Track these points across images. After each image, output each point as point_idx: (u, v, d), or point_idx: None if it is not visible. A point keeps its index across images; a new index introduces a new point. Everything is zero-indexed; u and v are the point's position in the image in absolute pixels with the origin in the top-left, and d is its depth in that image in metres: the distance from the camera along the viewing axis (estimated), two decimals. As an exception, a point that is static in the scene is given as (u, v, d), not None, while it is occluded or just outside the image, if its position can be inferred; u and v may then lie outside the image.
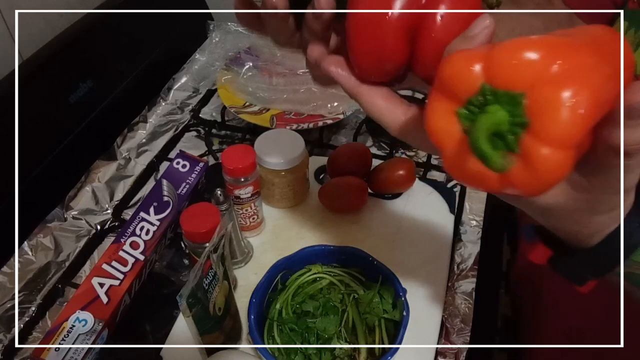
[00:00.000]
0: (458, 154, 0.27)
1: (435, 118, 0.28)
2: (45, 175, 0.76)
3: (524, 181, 0.25)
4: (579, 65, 0.24)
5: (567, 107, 0.23)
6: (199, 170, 0.72)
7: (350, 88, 0.35)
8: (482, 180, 0.26)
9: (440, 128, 0.27)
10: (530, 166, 0.24)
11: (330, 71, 0.35)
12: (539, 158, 0.24)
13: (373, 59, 0.33)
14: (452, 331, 0.60)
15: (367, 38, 0.32)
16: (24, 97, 0.72)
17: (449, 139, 0.27)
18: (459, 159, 0.27)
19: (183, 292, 0.47)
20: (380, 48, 0.32)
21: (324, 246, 0.63)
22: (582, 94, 0.23)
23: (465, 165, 0.27)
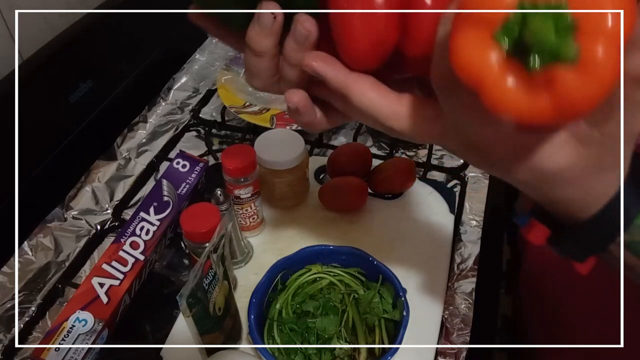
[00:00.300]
0: (503, 82, 0.24)
1: (466, 52, 0.25)
2: (45, 175, 0.76)
3: (583, 89, 0.23)
4: None
5: (613, 3, 0.23)
6: (199, 170, 0.72)
7: (339, 81, 0.33)
8: (537, 108, 0.24)
9: (475, 59, 0.25)
10: (587, 69, 0.23)
11: (314, 67, 0.33)
12: (596, 56, 0.23)
13: (366, 43, 0.31)
14: (452, 331, 0.60)
15: (357, 21, 0.31)
16: (24, 97, 0.72)
17: (487, 68, 0.25)
18: (505, 89, 0.24)
19: (183, 292, 0.47)
20: (372, 29, 0.31)
21: (324, 246, 0.63)
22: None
23: (515, 93, 0.24)
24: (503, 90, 0.24)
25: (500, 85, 0.24)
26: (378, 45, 0.32)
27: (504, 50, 0.24)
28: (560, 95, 0.24)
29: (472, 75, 0.25)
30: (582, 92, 0.23)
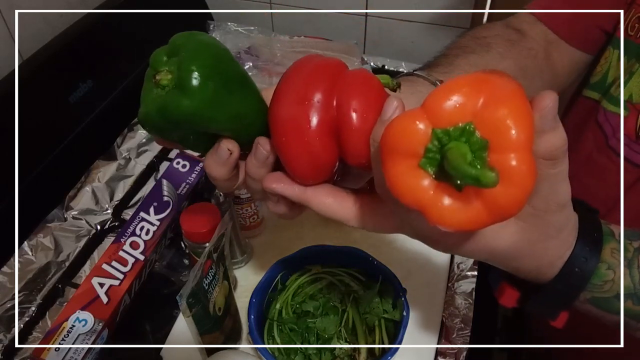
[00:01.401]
0: (439, 202, 0.28)
1: (401, 181, 0.28)
2: (45, 175, 0.76)
3: (508, 197, 0.26)
4: (502, 88, 0.27)
5: (512, 118, 0.26)
6: (199, 170, 0.72)
7: (297, 197, 0.37)
8: (473, 217, 0.27)
9: (411, 187, 0.28)
10: (507, 180, 0.26)
11: (273, 189, 0.37)
12: (511, 168, 0.26)
13: (308, 166, 0.35)
14: (452, 331, 0.60)
15: (297, 150, 0.35)
16: (24, 97, 0.72)
17: (424, 194, 0.28)
18: (443, 208, 0.28)
19: (183, 292, 0.47)
20: (310, 154, 0.35)
21: (324, 246, 0.63)
22: (517, 106, 0.26)
23: (452, 210, 0.28)
24: (440, 209, 0.28)
25: (437, 206, 0.27)
26: (316, 167, 0.35)
27: (432, 176, 0.28)
28: (491, 203, 0.27)
29: (410, 200, 0.28)
30: (509, 198, 0.26)
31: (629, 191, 0.56)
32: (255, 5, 1.12)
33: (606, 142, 0.58)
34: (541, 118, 0.28)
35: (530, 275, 0.38)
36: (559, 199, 0.33)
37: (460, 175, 0.26)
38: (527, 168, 0.26)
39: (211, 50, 0.36)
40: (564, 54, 0.63)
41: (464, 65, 0.55)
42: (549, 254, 0.36)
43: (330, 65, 0.36)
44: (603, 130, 0.59)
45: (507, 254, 0.35)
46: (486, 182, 0.25)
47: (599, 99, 0.60)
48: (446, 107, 0.27)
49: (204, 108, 0.34)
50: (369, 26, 1.07)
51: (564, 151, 0.30)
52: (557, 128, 0.29)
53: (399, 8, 1.02)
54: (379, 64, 1.00)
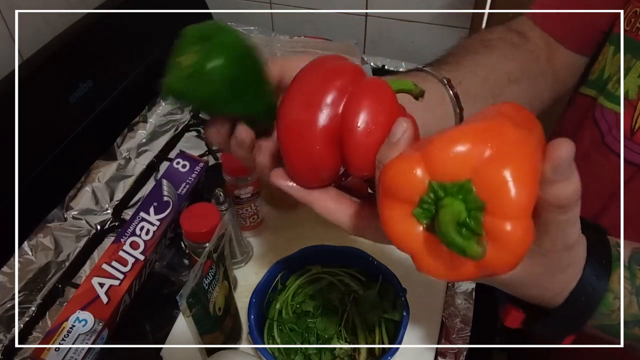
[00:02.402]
0: (429, 252, 0.28)
1: (394, 225, 0.28)
2: (45, 175, 0.76)
3: (498, 260, 0.26)
4: (509, 141, 0.26)
5: (513, 181, 0.25)
6: (199, 170, 0.72)
7: (301, 197, 0.37)
8: (461, 271, 0.27)
9: (403, 233, 0.28)
10: (499, 244, 0.26)
11: (280, 184, 0.37)
12: (505, 233, 0.25)
13: (308, 172, 0.36)
14: (452, 331, 0.60)
15: (297, 152, 0.35)
16: (24, 97, 0.72)
17: (415, 241, 0.28)
18: (432, 258, 0.28)
19: (183, 292, 0.47)
20: (310, 161, 0.35)
21: (324, 246, 0.63)
22: (521, 165, 0.25)
23: (441, 261, 0.27)
24: (428, 260, 0.28)
25: (425, 256, 0.28)
26: (315, 173, 0.36)
27: (424, 226, 0.28)
28: (482, 262, 0.26)
29: (401, 244, 0.28)
30: (499, 261, 0.26)
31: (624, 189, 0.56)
32: (255, 5, 1.12)
33: (602, 139, 0.58)
34: (554, 169, 0.27)
35: (535, 301, 0.37)
36: (567, 241, 0.32)
37: (446, 241, 0.26)
38: (523, 234, 0.26)
39: (237, 46, 0.37)
40: (563, 57, 0.63)
41: (471, 65, 0.55)
42: (555, 286, 0.35)
43: (345, 70, 0.35)
44: (599, 128, 0.59)
45: (510, 283, 0.35)
46: (471, 255, 0.25)
47: (596, 96, 0.60)
48: (447, 159, 0.26)
49: (217, 98, 0.37)
50: (369, 26, 1.07)
51: (575, 200, 0.29)
52: (571, 177, 0.28)
53: (399, 8, 1.02)
54: (379, 64, 1.00)
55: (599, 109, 0.58)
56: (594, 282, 0.35)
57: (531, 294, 0.36)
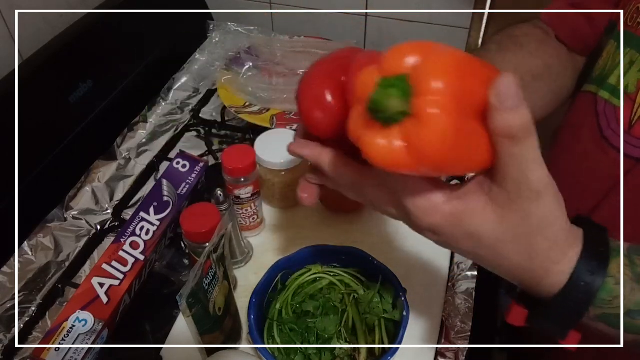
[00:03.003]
0: (369, 137, 0.32)
1: (350, 121, 0.34)
2: (45, 175, 0.76)
3: (423, 135, 0.30)
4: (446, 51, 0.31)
5: (435, 67, 0.30)
6: (199, 170, 0.72)
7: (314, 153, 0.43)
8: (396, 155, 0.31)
9: (355, 127, 0.33)
10: (421, 120, 0.30)
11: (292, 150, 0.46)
12: (426, 109, 0.30)
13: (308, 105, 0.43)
14: (452, 331, 0.60)
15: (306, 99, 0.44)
16: (24, 97, 0.72)
17: (359, 130, 0.33)
18: (371, 142, 0.32)
19: (183, 292, 0.47)
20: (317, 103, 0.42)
21: (324, 246, 0.63)
22: (447, 61, 0.30)
23: (380, 145, 0.31)
24: (371, 144, 0.32)
25: (370, 142, 0.32)
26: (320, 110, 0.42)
27: (370, 117, 0.32)
28: (409, 143, 0.31)
29: (354, 137, 0.33)
30: (423, 138, 0.30)
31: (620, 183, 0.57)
32: (255, 5, 1.12)
33: (601, 133, 0.59)
34: (496, 95, 0.30)
35: (526, 282, 0.37)
36: (531, 185, 0.32)
37: (369, 102, 0.31)
38: (440, 111, 0.29)
39: None
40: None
41: (499, 62, 0.59)
42: (538, 253, 0.35)
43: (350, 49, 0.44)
44: (599, 122, 0.59)
45: (491, 243, 0.35)
46: (388, 106, 0.30)
47: (596, 91, 0.60)
48: (392, 60, 0.31)
49: None
50: (369, 26, 1.07)
51: (525, 131, 0.31)
52: (518, 107, 0.30)
53: (399, 8, 1.02)
54: (379, 64, 1.00)
55: (601, 103, 0.59)
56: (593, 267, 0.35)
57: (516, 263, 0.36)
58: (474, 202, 0.35)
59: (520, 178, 0.32)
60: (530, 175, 0.32)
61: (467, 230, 0.35)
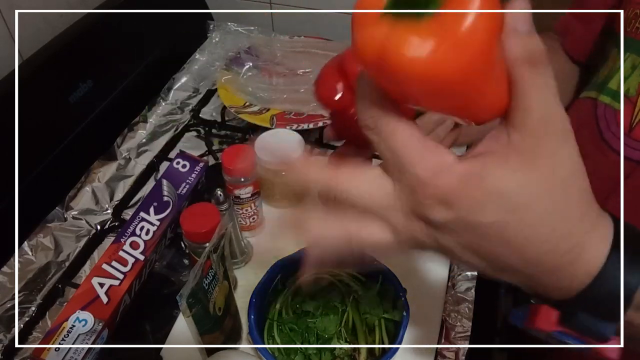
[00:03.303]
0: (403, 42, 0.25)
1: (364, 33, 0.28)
2: (45, 175, 0.76)
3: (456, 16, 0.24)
4: None
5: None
6: (199, 170, 0.72)
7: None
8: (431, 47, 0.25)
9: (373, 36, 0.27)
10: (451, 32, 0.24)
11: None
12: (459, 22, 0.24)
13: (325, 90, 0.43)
14: (452, 331, 0.60)
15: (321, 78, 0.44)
16: (24, 97, 0.72)
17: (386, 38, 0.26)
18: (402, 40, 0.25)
19: (183, 292, 0.47)
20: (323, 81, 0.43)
21: (324, 246, 0.63)
22: None
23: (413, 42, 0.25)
24: (398, 44, 0.25)
25: (398, 44, 0.25)
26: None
27: (392, 17, 0.26)
28: (443, 28, 0.25)
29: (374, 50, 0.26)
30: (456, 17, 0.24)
31: (620, 185, 0.57)
32: (255, 5, 1.12)
33: (601, 136, 0.59)
34: (512, 15, 0.26)
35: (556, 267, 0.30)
36: (558, 122, 0.28)
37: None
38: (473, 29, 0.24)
39: None
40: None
41: None
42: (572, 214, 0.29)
43: None
44: (599, 125, 0.59)
45: (523, 202, 0.28)
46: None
47: (596, 96, 0.61)
48: None
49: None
50: (369, 26, 1.07)
51: (545, 58, 0.27)
52: (533, 35, 0.27)
53: (399, 8, 1.02)
54: (379, 64, 1.00)
55: (601, 107, 0.59)
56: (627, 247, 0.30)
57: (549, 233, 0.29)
58: (493, 157, 0.28)
59: (546, 113, 0.27)
60: (556, 109, 0.28)
61: (490, 190, 0.28)
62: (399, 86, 0.27)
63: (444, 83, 0.26)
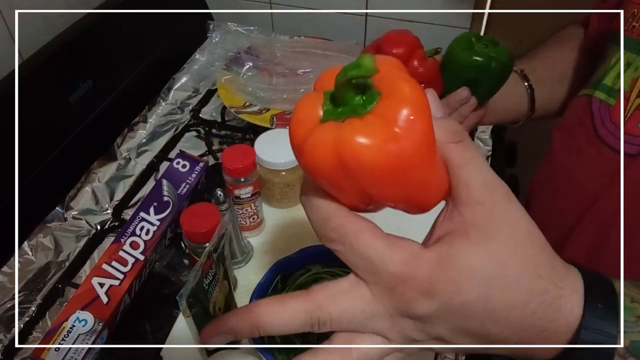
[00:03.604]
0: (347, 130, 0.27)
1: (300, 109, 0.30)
2: (45, 175, 0.76)
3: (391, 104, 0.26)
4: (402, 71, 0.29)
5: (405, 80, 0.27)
6: (199, 170, 0.72)
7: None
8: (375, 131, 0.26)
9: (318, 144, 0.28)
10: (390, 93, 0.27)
11: None
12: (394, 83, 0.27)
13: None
14: (452, 331, 0.60)
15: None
16: (24, 97, 0.72)
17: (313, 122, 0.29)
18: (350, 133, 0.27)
19: (183, 292, 0.47)
20: None
21: (324, 246, 0.63)
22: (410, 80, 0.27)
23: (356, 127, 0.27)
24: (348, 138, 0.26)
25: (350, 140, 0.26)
26: None
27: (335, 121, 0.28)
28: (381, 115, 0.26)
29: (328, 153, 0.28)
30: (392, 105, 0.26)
31: (614, 180, 0.57)
32: (255, 5, 1.13)
33: (595, 132, 0.59)
34: (433, 107, 0.28)
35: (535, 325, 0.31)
36: (500, 185, 0.29)
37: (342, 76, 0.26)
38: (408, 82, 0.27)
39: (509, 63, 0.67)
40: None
41: (541, 56, 0.75)
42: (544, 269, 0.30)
43: None
44: (593, 121, 0.60)
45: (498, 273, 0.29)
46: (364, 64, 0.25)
47: (591, 93, 0.61)
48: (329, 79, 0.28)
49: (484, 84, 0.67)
50: (369, 26, 1.07)
51: (465, 135, 0.30)
52: (447, 117, 0.32)
53: (399, 8, 1.02)
54: (379, 64, 1.00)
55: (596, 103, 0.60)
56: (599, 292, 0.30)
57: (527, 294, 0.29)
58: (455, 236, 0.29)
59: (485, 181, 0.29)
60: (492, 175, 0.29)
61: (463, 268, 0.28)
62: (363, 178, 0.28)
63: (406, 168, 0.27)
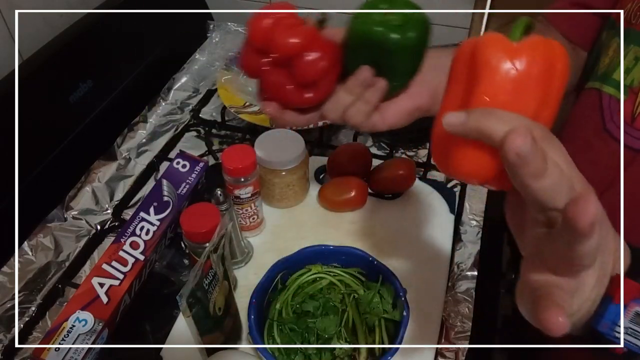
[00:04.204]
0: None
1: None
2: (45, 175, 0.76)
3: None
4: None
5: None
6: (199, 170, 0.72)
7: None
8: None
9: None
10: None
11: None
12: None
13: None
14: (452, 331, 0.60)
15: None
16: (24, 97, 0.72)
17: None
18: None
19: (183, 292, 0.47)
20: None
21: (324, 246, 0.63)
22: None
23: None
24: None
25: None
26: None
27: None
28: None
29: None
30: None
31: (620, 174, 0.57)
32: (255, 5, 1.12)
33: (604, 126, 0.60)
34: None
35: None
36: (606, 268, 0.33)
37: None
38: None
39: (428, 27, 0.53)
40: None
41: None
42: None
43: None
44: (602, 115, 0.60)
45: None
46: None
47: (600, 86, 0.62)
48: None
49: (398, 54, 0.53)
50: (369, 26, 1.07)
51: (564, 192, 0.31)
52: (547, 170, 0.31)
53: (399, 8, 1.02)
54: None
55: (606, 97, 0.60)
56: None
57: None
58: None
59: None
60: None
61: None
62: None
63: None
